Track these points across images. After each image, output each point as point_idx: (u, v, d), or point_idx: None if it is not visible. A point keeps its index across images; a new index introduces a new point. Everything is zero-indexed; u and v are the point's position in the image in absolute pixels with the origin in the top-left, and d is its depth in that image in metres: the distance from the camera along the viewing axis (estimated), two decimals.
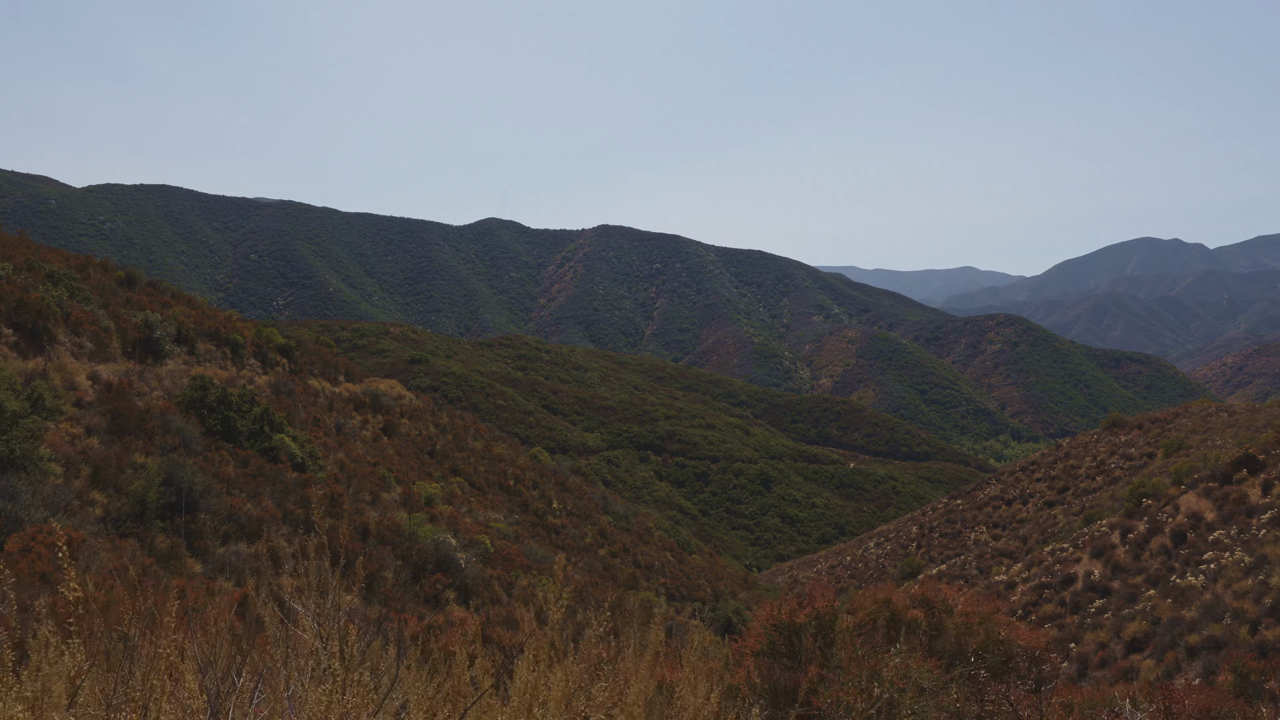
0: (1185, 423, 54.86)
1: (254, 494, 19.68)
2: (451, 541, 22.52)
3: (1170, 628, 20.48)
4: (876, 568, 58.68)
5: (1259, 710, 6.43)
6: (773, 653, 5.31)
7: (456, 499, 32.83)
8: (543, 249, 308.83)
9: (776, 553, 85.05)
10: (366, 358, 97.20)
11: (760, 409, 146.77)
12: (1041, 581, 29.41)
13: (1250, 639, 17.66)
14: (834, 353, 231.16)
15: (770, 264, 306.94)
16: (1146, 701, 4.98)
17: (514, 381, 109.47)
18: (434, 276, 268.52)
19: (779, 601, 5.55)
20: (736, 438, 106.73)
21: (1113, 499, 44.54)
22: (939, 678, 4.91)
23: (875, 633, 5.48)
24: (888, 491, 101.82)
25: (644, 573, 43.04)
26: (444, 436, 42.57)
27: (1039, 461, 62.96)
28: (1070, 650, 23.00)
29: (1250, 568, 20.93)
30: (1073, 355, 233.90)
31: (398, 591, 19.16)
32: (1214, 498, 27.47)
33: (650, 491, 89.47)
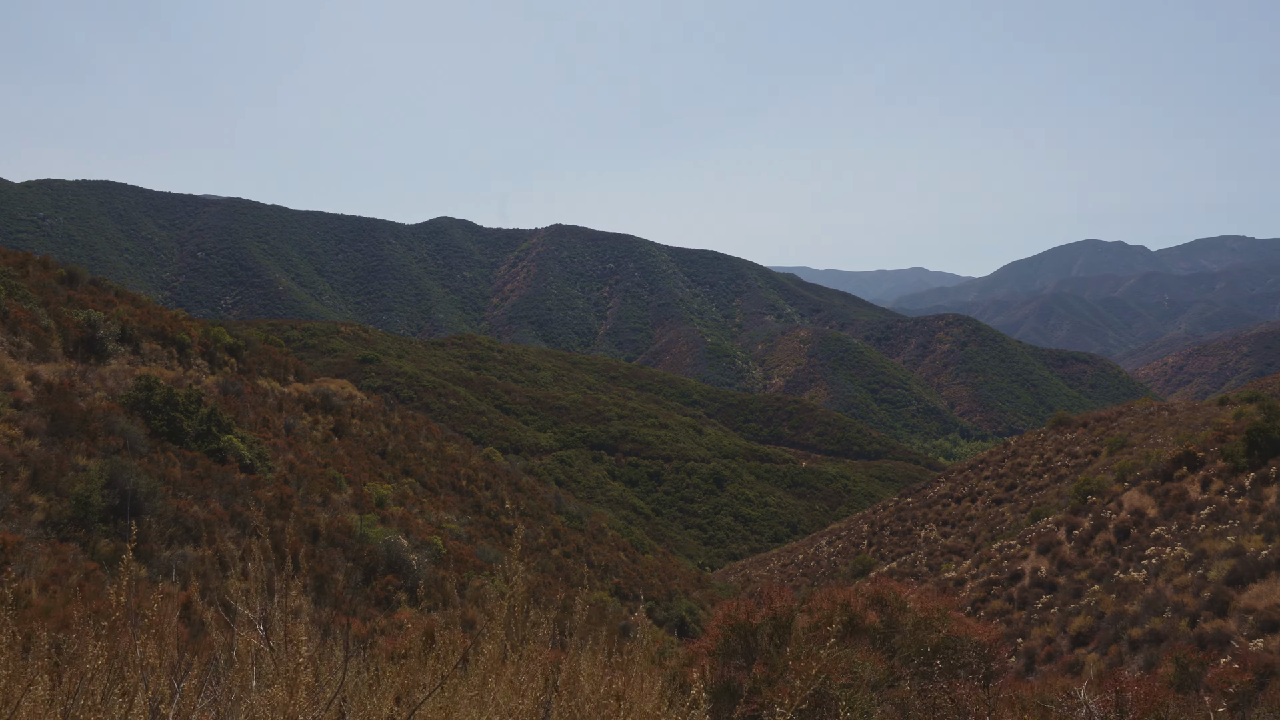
0: (1128, 421, 55.97)
1: (201, 496, 19.33)
2: (403, 543, 22.31)
3: (1114, 622, 20.86)
4: (829, 566, 59.14)
5: (1201, 699, 6.56)
6: (728, 652, 5.31)
7: (408, 500, 32.53)
8: (495, 248, 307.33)
9: (729, 551, 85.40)
10: (317, 357, 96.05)
11: (713, 408, 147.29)
12: (990, 578, 29.82)
13: (1190, 631, 18.03)
14: (786, 352, 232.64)
15: (723, 264, 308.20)
16: (1098, 691, 5.07)
17: (467, 381, 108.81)
18: (386, 275, 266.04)
19: (736, 602, 5.56)
20: (689, 437, 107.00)
21: (1059, 496, 45.30)
22: (886, 672, 4.95)
23: (830, 631, 5.50)
24: (839, 490, 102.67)
25: (597, 572, 42.99)
26: (396, 437, 42.17)
27: (987, 460, 63.85)
28: (1018, 645, 23.35)
29: (1190, 562, 21.37)
30: (1020, 355, 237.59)
31: (348, 594, 18.93)
32: (1155, 494, 28.03)
33: (603, 491, 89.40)
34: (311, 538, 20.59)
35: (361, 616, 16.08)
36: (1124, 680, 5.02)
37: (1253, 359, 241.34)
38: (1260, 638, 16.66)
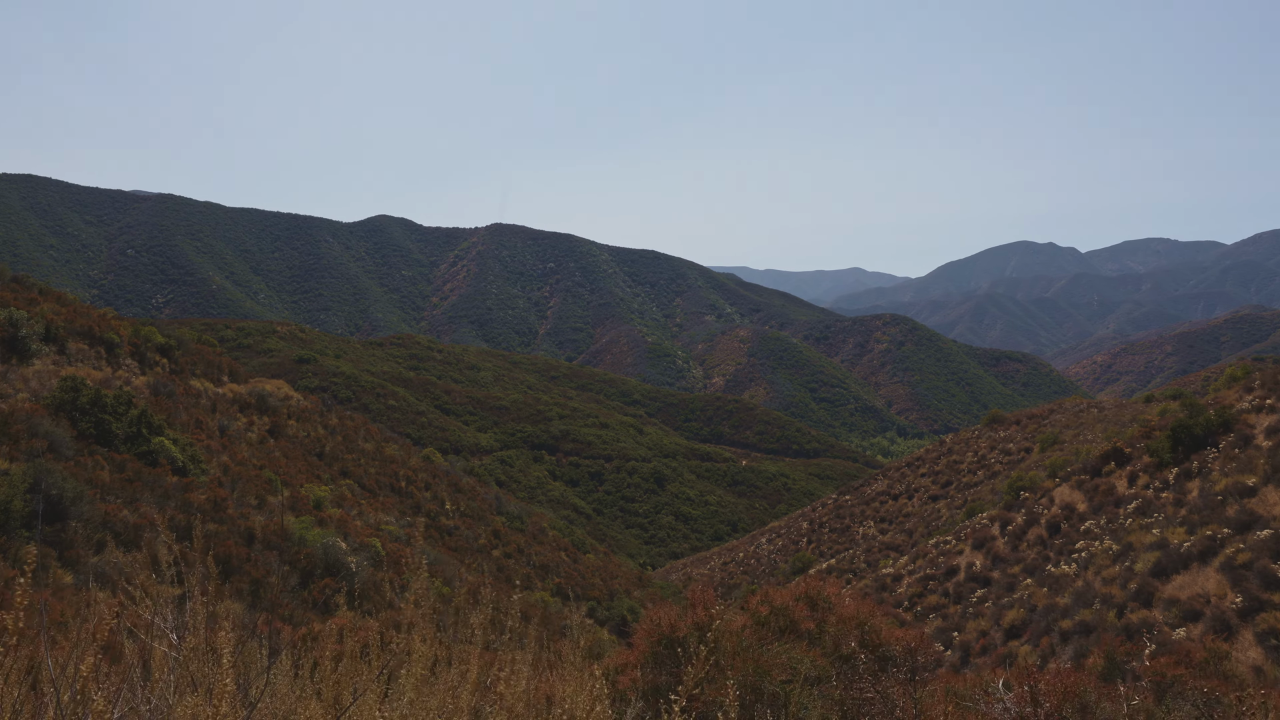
0: (1059, 418, 57.24)
1: (131, 500, 18.87)
2: (341, 545, 22.00)
3: (1045, 614, 21.30)
4: (769, 563, 59.59)
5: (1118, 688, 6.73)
6: (657, 662, 5.31)
7: (347, 502, 32.10)
8: (435, 247, 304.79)
9: (670, 550, 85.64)
10: (252, 357, 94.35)
11: (654, 408, 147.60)
12: (926, 573, 30.27)
13: (1117, 622, 18.49)
14: (726, 352, 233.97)
15: (664, 264, 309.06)
16: (1016, 684, 5.19)
17: (406, 381, 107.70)
18: (323, 274, 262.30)
19: (660, 611, 5.57)
20: (630, 437, 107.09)
21: (993, 492, 46.16)
22: (825, 667, 5.01)
23: (767, 634, 5.55)
24: (779, 488, 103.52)
25: (538, 573, 42.84)
26: (333, 438, 41.60)
27: (924, 457, 64.83)
28: (953, 639, 23.73)
29: (1117, 555, 21.91)
30: (955, 354, 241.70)
31: (285, 598, 18.62)
32: (1085, 489, 28.68)
33: (544, 491, 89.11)
34: (247, 541, 20.23)
35: (298, 620, 15.82)
36: (1038, 674, 5.15)
37: (1176, 357, 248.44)
38: (1183, 626, 17.13)
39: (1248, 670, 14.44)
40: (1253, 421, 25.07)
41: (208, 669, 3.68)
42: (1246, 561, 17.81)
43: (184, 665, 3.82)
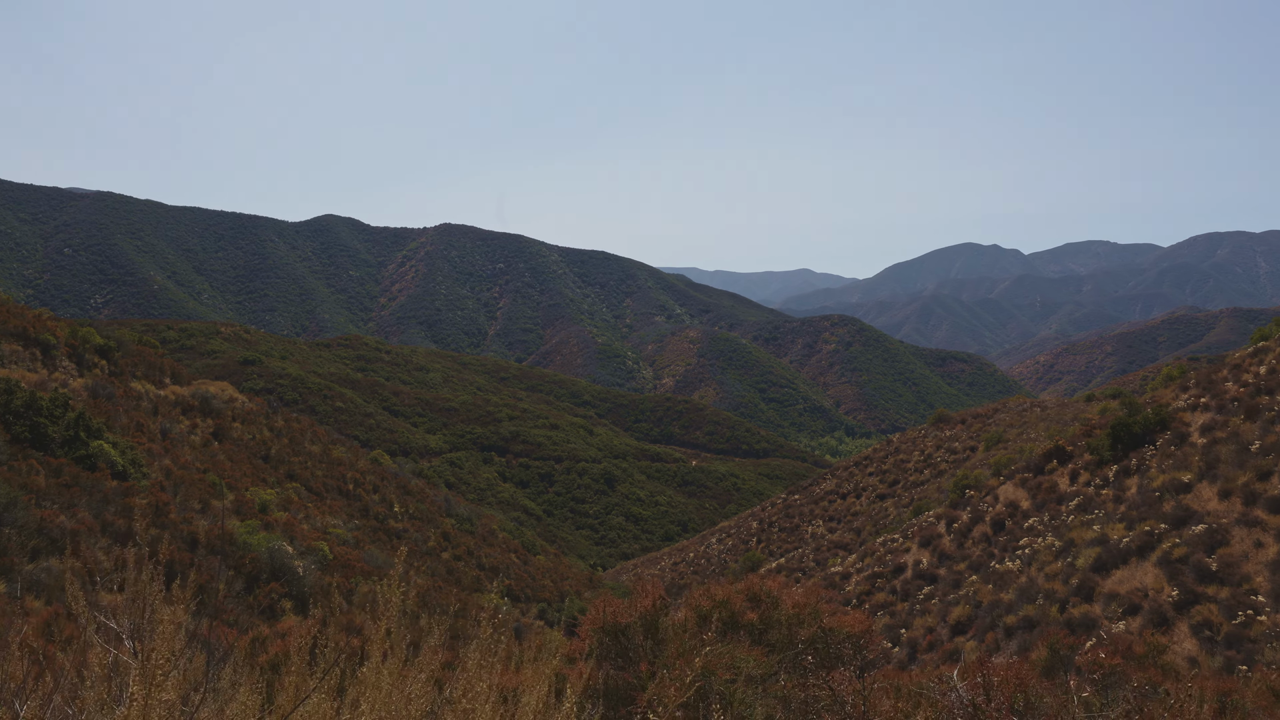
0: (1004, 417, 58.19)
1: (68, 505, 18.45)
2: (288, 549, 21.71)
3: (990, 610, 21.64)
4: (719, 563, 59.84)
5: (1065, 680, 6.86)
6: (602, 654, 5.32)
7: (293, 505, 31.67)
8: (383, 247, 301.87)
9: (621, 551, 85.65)
10: (195, 359, 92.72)
11: (604, 409, 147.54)
12: (874, 571, 30.58)
13: (1060, 617, 18.84)
14: (676, 353, 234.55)
15: (613, 264, 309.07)
16: (970, 675, 5.28)
17: (353, 383, 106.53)
18: (268, 274, 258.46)
19: (604, 602, 5.58)
20: (580, 438, 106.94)
21: (939, 491, 46.80)
22: (769, 665, 5.04)
23: (708, 628, 5.58)
24: (729, 488, 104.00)
25: (488, 575, 42.61)
26: (279, 440, 41.02)
27: (871, 456, 65.51)
28: (901, 636, 24.01)
29: (1060, 551, 22.32)
30: (902, 354, 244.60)
31: (229, 603, 18.32)
32: (1029, 487, 29.18)
33: (494, 493, 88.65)
34: (190, 546, 19.87)
35: (243, 626, 15.58)
36: (991, 666, 5.26)
37: (1116, 357, 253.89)
38: (1122, 620, 17.51)
39: (1183, 661, 14.81)
40: (1188, 419, 25.69)
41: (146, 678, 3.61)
42: (1182, 556, 18.25)
43: (122, 674, 3.74)
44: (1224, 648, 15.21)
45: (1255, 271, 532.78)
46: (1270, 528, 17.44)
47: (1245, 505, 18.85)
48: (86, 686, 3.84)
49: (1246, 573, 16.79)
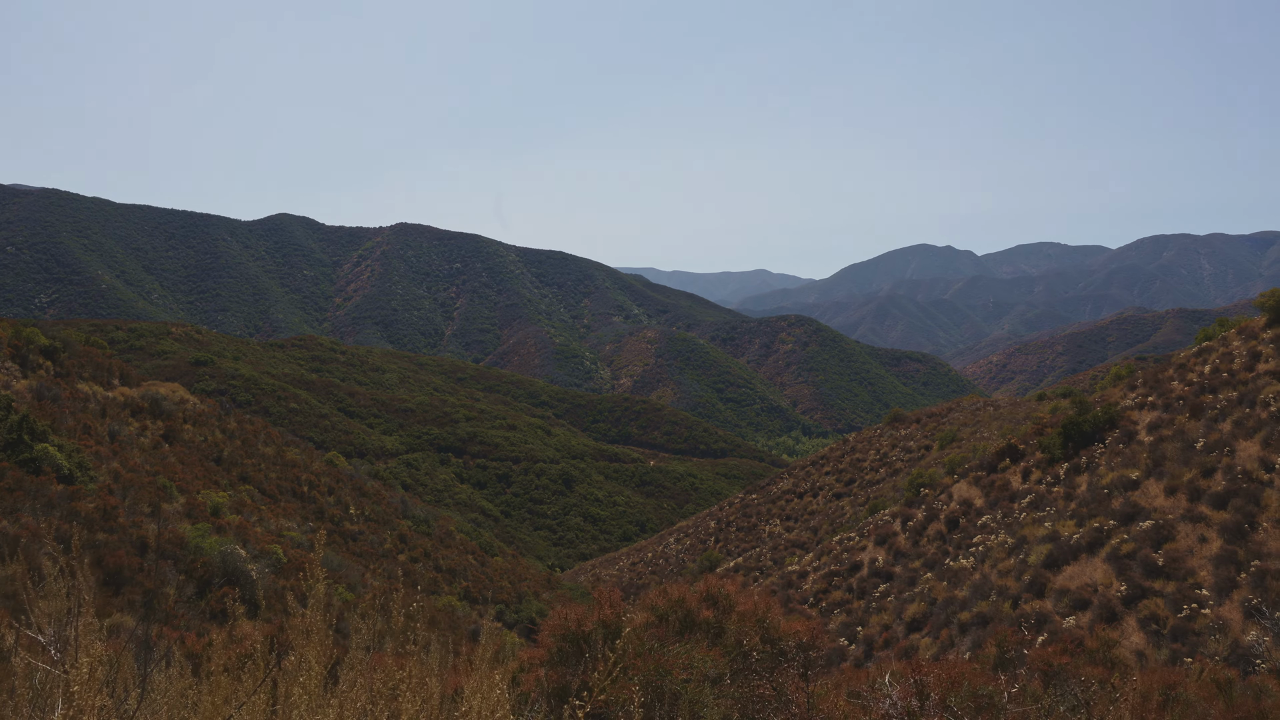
0: (957, 417, 58.91)
1: (11, 510, 18.06)
2: (241, 553, 21.42)
3: (945, 607, 21.90)
4: (677, 563, 59.95)
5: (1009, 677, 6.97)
6: (562, 660, 5.32)
7: (246, 508, 31.25)
8: (338, 247, 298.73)
9: (579, 552, 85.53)
10: (145, 360, 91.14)
11: (562, 409, 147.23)
12: (831, 570, 30.81)
13: (1013, 613, 19.11)
14: (634, 353, 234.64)
15: (571, 265, 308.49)
16: (903, 678, 5.35)
17: (308, 384, 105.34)
18: (220, 274, 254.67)
19: (566, 609, 5.58)
20: (538, 438, 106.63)
21: (894, 489, 47.26)
22: (723, 666, 5.08)
23: (667, 630, 5.60)
24: (687, 488, 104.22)
25: (446, 577, 42.36)
26: (232, 442, 40.45)
27: (828, 456, 66.00)
28: (858, 633, 24.21)
29: (1012, 548, 22.64)
30: (858, 354, 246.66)
31: (180, 608, 18.04)
32: (982, 485, 29.57)
33: (451, 494, 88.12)
34: (139, 551, 19.54)
35: (195, 631, 15.35)
36: (924, 666, 5.33)
37: (1067, 357, 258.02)
38: (1073, 615, 17.80)
39: (1131, 655, 15.08)
40: (1136, 418, 26.18)
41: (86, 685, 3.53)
42: (1130, 551, 18.58)
43: (61, 683, 3.66)
44: (1170, 641, 15.52)
45: (1199, 273, 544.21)
46: (1214, 523, 17.82)
47: (1190, 501, 19.24)
48: (19, 693, 3.74)
49: (1191, 567, 17.14)
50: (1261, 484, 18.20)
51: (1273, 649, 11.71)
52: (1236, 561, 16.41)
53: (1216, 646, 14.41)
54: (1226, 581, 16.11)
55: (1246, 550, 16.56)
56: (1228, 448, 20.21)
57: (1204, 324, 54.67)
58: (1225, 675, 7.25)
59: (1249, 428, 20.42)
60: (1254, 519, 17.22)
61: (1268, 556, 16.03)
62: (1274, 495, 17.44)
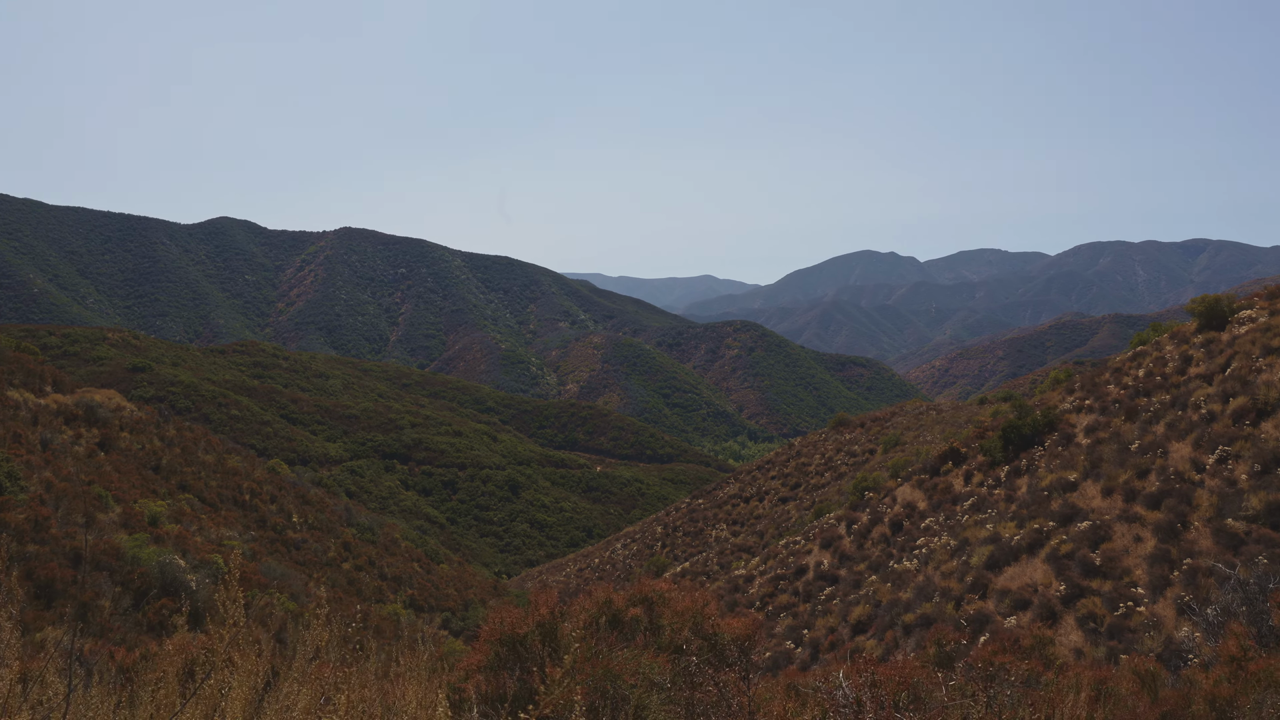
0: (901, 421, 59.67)
1: None
2: (180, 563, 21.00)
3: (889, 609, 22.14)
4: (624, 568, 59.93)
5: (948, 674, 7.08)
6: (500, 664, 5.30)
7: (185, 517, 30.65)
8: (281, 251, 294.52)
9: (526, 558, 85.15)
10: (80, 366, 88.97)
11: (508, 415, 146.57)
12: (777, 574, 31.00)
13: (956, 614, 19.38)
14: (580, 358, 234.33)
15: (517, 270, 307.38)
16: (855, 674, 5.43)
17: (250, 390, 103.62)
18: (159, 278, 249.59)
19: (501, 612, 5.57)
20: (484, 444, 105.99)
21: (839, 493, 47.72)
22: (667, 670, 5.10)
23: (600, 633, 5.60)
24: (633, 493, 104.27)
25: (391, 585, 41.94)
26: (171, 450, 39.66)
27: (774, 460, 66.42)
28: (804, 636, 24.38)
29: (955, 550, 22.97)
30: (803, 359, 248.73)
31: (116, 621, 17.63)
32: (925, 488, 29.97)
33: (396, 501, 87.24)
34: (73, 562, 19.07)
35: (129, 644, 15.01)
36: (876, 665, 5.43)
37: (1007, 361, 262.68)
38: (1014, 615, 18.11)
39: (1069, 653, 15.38)
40: (1074, 421, 26.72)
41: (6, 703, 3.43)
42: (1069, 552, 18.96)
43: None
44: (1107, 638, 15.85)
45: (1134, 279, 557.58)
46: (1148, 523, 18.24)
47: (1126, 502, 19.68)
48: None
49: (1127, 566, 17.52)
50: (1193, 484, 18.67)
51: (1203, 644, 12.02)
52: (1170, 560, 16.82)
53: (1151, 643, 14.75)
54: (1160, 580, 16.51)
55: (1179, 549, 16.98)
56: (1161, 449, 20.72)
57: (1138, 329, 56.03)
58: (1153, 670, 7.46)
59: (1181, 429, 20.95)
60: (1186, 518, 17.66)
61: (1199, 555, 16.45)
62: (1205, 495, 17.91)
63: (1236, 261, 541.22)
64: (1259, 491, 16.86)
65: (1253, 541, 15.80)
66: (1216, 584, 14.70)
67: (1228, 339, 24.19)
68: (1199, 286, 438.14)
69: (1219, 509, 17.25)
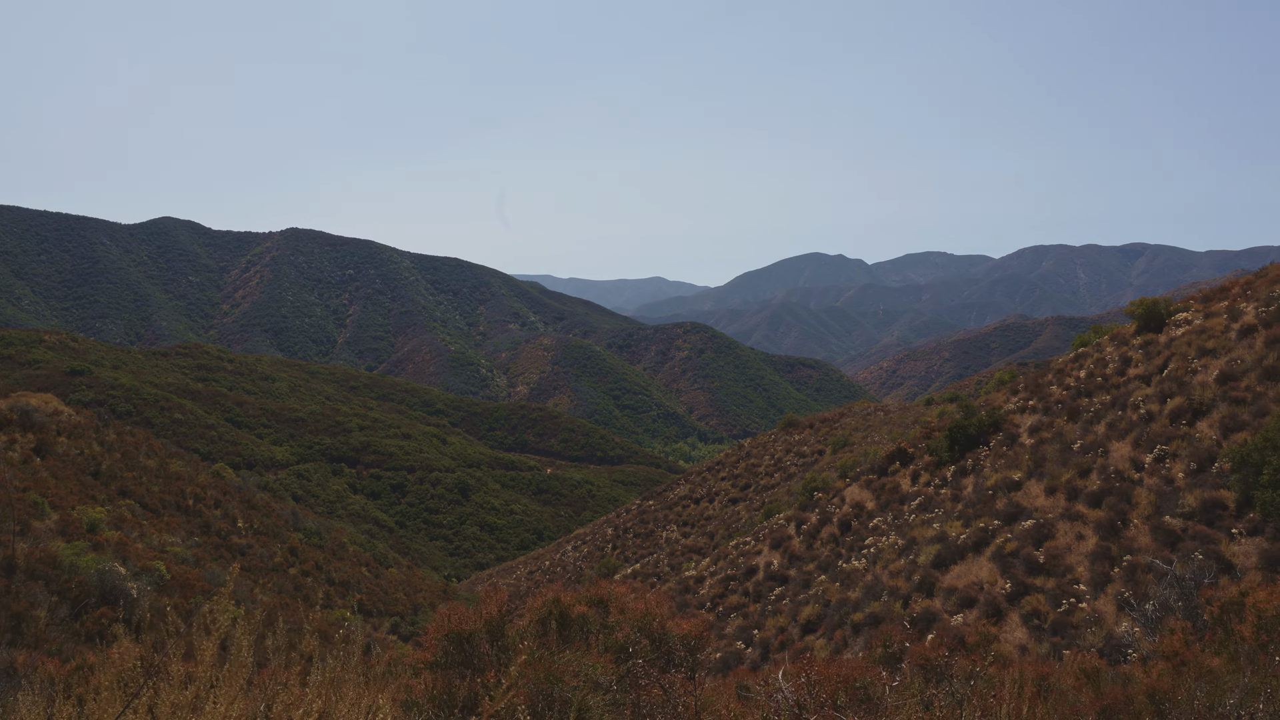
0: (849, 421, 60.23)
1: None
2: (120, 570, 20.54)
3: (839, 608, 22.32)
4: (575, 570, 59.79)
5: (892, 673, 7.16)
6: (448, 663, 5.26)
7: (126, 523, 30.01)
8: (226, 252, 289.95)
9: (476, 561, 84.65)
10: (15, 369, 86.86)
11: (457, 417, 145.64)
12: (728, 574, 31.11)
13: (903, 612, 19.60)
14: (530, 360, 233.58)
15: (467, 272, 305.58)
16: (794, 676, 5.48)
17: (193, 393, 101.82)
18: (99, 279, 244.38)
19: (450, 610, 5.54)
20: (433, 447, 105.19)
21: (789, 494, 48.04)
22: (613, 671, 5.10)
23: (549, 633, 5.59)
24: (584, 495, 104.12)
25: (339, 590, 41.45)
26: (111, 455, 38.81)
27: (724, 461, 66.67)
28: (754, 636, 24.49)
29: (903, 549, 23.22)
30: (753, 361, 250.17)
31: (52, 631, 17.20)
32: (873, 488, 30.26)
33: (345, 505, 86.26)
34: (6, 572, 18.58)
35: (65, 655, 14.66)
36: (815, 664, 5.49)
37: (953, 363, 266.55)
38: (960, 613, 18.35)
39: (1014, 650, 15.62)
40: (1018, 421, 27.15)
41: None
42: (1014, 550, 19.25)
43: None
44: (1051, 635, 16.12)
45: (1076, 282, 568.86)
46: (1090, 521, 18.59)
47: (1068, 500, 20.04)
48: None
49: (1070, 564, 17.84)
50: (1133, 483, 19.07)
51: (1142, 639, 12.27)
52: (1110, 557, 17.15)
53: (1093, 639, 15.03)
54: (1101, 576, 16.83)
55: (1119, 546, 17.33)
56: (1102, 449, 21.13)
57: (1080, 330, 57.11)
58: (1094, 665, 7.60)
59: (1121, 429, 21.38)
60: (1126, 516, 18.03)
61: (1138, 551, 16.80)
62: (1144, 493, 18.29)
63: (1173, 265, 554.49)
64: (1195, 489, 17.26)
65: (1189, 538, 16.16)
66: (1155, 580, 15.03)
67: (1165, 341, 24.74)
68: (1138, 289, 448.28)
69: (1157, 507, 17.63)
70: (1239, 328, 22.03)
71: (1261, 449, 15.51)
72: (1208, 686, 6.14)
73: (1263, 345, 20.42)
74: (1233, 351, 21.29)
